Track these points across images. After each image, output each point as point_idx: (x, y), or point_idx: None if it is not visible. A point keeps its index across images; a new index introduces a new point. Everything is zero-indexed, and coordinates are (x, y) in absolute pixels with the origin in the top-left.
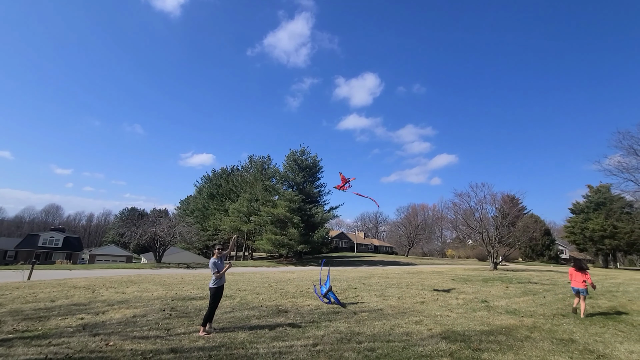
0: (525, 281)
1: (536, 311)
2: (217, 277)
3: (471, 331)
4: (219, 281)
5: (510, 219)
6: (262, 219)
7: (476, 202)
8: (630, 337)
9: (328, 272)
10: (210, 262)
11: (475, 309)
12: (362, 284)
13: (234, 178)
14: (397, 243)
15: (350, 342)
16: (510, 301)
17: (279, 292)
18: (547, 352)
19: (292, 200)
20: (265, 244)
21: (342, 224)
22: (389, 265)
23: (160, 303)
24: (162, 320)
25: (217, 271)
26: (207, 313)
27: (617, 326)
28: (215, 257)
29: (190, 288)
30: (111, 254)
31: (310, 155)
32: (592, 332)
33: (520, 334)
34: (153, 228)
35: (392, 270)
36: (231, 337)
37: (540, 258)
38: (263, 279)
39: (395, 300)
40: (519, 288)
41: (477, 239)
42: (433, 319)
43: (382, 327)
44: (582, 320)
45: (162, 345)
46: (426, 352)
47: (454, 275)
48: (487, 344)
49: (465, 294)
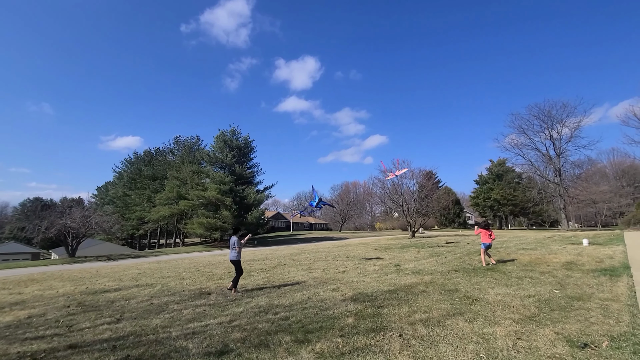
0: (435, 245)
1: (436, 269)
2: (239, 251)
3: (379, 292)
4: (239, 255)
5: (427, 191)
6: (193, 202)
7: (397, 178)
8: (500, 282)
9: (314, 191)
10: (233, 239)
11: (387, 272)
12: (292, 260)
13: (158, 161)
14: (331, 220)
15: (268, 314)
16: (418, 263)
17: (205, 275)
18: (435, 301)
19: (223, 182)
20: (197, 228)
21: (279, 204)
22: (322, 241)
23: (66, 300)
24: (64, 317)
25: (236, 247)
26: (235, 278)
27: (493, 275)
28: (237, 236)
29: (105, 281)
30: (12, 252)
31: (242, 136)
32: (473, 282)
33: (418, 290)
34: (62, 219)
35: (323, 245)
36: (143, 324)
37: (452, 225)
38: (191, 264)
39: (320, 272)
40: (428, 251)
41: (399, 212)
42: (349, 285)
43: (301, 297)
44: (469, 272)
45: (59, 343)
46: (335, 314)
47: (377, 245)
48: (389, 301)
49: (382, 260)
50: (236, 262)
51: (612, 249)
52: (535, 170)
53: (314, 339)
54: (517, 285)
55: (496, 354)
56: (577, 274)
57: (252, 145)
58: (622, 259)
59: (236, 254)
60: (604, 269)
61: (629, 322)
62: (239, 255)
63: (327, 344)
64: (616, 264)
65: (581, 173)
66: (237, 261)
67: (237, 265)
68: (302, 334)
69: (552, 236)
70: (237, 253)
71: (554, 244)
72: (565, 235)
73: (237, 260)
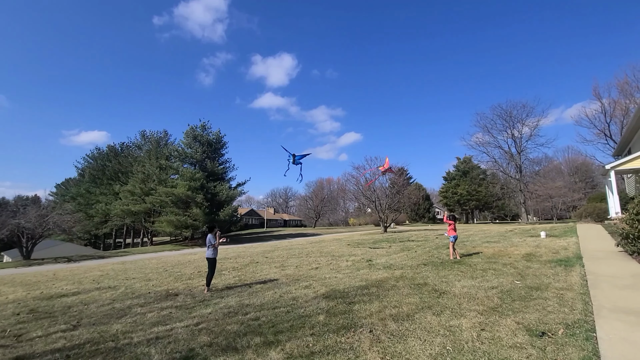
0: (405, 240)
1: (406, 264)
2: (214, 249)
3: (351, 288)
4: (215, 253)
5: (398, 187)
6: (161, 199)
7: (370, 174)
8: (466, 275)
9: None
10: (209, 237)
11: (359, 268)
12: (264, 258)
13: (122, 157)
14: (305, 216)
15: (237, 315)
16: (390, 258)
17: (173, 275)
18: (405, 296)
19: (193, 178)
20: (166, 226)
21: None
22: (296, 238)
23: (16, 307)
24: (12, 326)
25: (212, 244)
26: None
27: (460, 268)
28: (213, 234)
29: (63, 284)
30: None
31: (212, 131)
32: (441, 275)
33: (389, 285)
34: (15, 219)
35: (297, 241)
36: (103, 330)
37: (422, 219)
38: (159, 264)
39: (293, 269)
40: (399, 246)
41: (372, 207)
42: (322, 282)
43: (273, 296)
44: (437, 265)
45: (4, 355)
46: (307, 312)
47: (351, 240)
48: (360, 296)
49: (355, 256)
50: (211, 260)
51: (567, 241)
52: (498, 167)
53: (284, 339)
54: (482, 277)
55: (462, 345)
56: (536, 265)
57: (223, 141)
58: (575, 250)
59: (212, 251)
60: (560, 259)
61: (581, 309)
62: (215, 253)
63: (297, 344)
64: (570, 254)
65: (539, 170)
66: (213, 259)
67: (212, 263)
68: (272, 334)
69: (514, 229)
70: (213, 251)
71: (515, 236)
72: (525, 229)
73: (213, 258)
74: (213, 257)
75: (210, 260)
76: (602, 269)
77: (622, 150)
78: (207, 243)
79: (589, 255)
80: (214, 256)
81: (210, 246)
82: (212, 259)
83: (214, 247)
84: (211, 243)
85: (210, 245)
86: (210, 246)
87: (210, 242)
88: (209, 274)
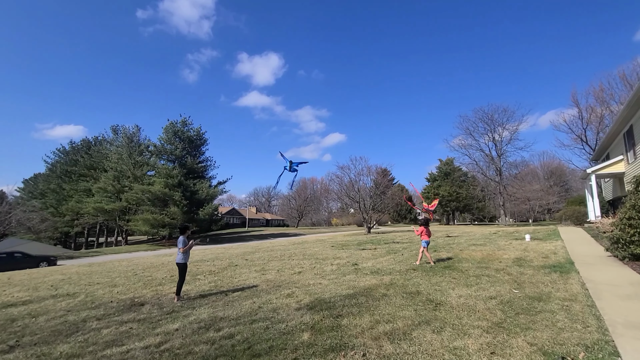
0: (390, 241)
1: (394, 268)
2: (183, 252)
3: (337, 297)
4: (185, 257)
5: (382, 188)
6: (137, 196)
7: (355, 174)
8: (460, 282)
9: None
10: (181, 239)
11: (345, 272)
12: (244, 260)
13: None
14: (288, 216)
15: (209, 331)
16: (376, 262)
17: (143, 280)
18: (398, 307)
19: (171, 175)
20: (142, 225)
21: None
22: (278, 238)
23: None
24: None
25: (182, 247)
26: (178, 285)
27: (452, 274)
28: (185, 236)
29: (14, 291)
30: None
31: (193, 127)
32: (433, 282)
33: (379, 293)
34: None
35: (279, 242)
36: (43, 353)
37: (404, 220)
38: (129, 267)
39: (274, 273)
40: (385, 248)
41: (356, 208)
42: (305, 289)
43: (251, 307)
44: (427, 271)
45: None
46: (289, 328)
47: (334, 242)
48: (348, 308)
49: (340, 259)
50: (181, 266)
51: (553, 244)
52: (479, 170)
53: None
54: (477, 285)
55: None
56: (529, 271)
57: (204, 138)
58: (565, 255)
59: (182, 256)
60: (552, 265)
61: (597, 327)
62: (186, 257)
63: None
64: (561, 259)
65: (517, 173)
66: (183, 264)
67: (182, 269)
68: (248, 357)
69: (497, 231)
70: (184, 255)
71: (500, 239)
72: (508, 231)
73: (183, 263)
74: (184, 263)
75: (180, 265)
76: (598, 276)
77: (600, 155)
78: (178, 246)
79: (580, 261)
80: (185, 261)
81: (181, 250)
82: (183, 264)
83: (184, 251)
84: (181, 246)
85: (181, 249)
86: (181, 250)
87: (180, 246)
88: (180, 281)
